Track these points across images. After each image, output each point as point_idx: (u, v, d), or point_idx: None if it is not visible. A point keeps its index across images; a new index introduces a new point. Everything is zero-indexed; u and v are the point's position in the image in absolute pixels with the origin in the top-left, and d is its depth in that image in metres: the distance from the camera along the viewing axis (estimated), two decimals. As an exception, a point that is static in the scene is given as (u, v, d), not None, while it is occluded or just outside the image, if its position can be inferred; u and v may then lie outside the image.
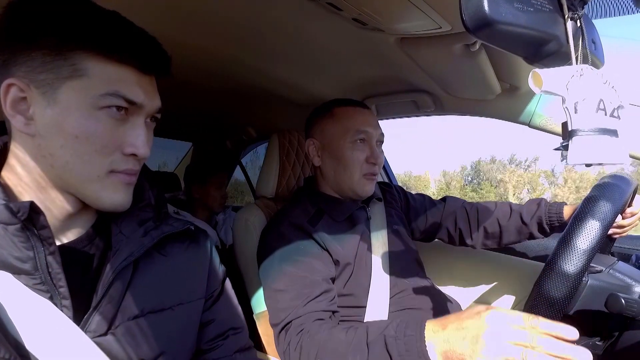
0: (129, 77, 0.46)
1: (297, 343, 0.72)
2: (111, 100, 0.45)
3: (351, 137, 0.92)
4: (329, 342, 0.69)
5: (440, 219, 1.11)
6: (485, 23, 0.37)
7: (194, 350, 0.55)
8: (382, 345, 0.62)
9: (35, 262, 0.43)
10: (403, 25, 0.74)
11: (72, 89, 0.44)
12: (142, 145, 0.48)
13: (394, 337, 0.61)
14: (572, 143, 0.39)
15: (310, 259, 0.83)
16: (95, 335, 0.46)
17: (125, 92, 0.45)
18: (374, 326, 0.67)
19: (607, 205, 0.55)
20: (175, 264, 0.55)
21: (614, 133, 0.39)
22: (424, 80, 1.05)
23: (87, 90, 0.44)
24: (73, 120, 0.44)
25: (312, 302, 0.77)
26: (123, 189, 0.49)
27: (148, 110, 0.49)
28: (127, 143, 0.47)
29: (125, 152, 0.47)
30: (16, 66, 0.43)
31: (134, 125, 0.48)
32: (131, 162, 0.48)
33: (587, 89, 0.39)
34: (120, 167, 0.48)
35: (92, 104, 0.44)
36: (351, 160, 0.92)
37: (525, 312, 0.57)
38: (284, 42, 0.87)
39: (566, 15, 0.41)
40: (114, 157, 0.47)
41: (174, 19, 0.75)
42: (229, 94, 1.31)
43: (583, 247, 0.53)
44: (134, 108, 0.47)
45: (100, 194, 0.47)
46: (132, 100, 0.46)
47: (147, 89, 0.48)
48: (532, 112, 0.99)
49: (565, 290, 0.53)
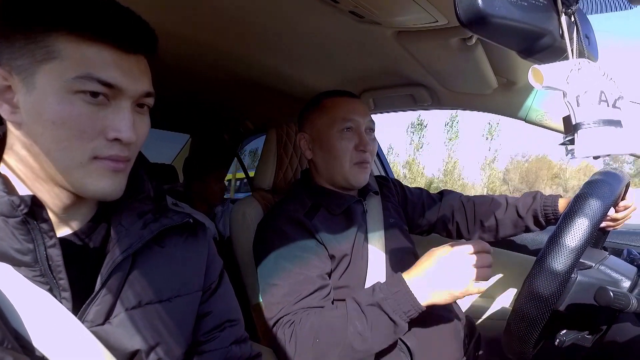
0: (105, 57, 0.43)
1: (291, 335, 0.74)
2: (84, 84, 0.42)
3: (338, 126, 0.92)
4: (322, 322, 0.72)
5: (438, 213, 1.11)
6: (479, 17, 0.37)
7: (191, 341, 0.55)
8: (377, 308, 0.71)
9: (35, 255, 0.43)
10: (400, 18, 0.74)
11: (47, 72, 0.42)
12: (126, 129, 0.45)
13: (383, 298, 0.71)
14: (578, 136, 0.39)
15: (307, 254, 0.83)
16: (93, 325, 0.46)
17: (99, 74, 0.42)
18: (359, 296, 0.74)
19: (596, 203, 0.55)
20: (174, 256, 0.55)
21: (618, 123, 0.39)
22: (421, 74, 1.05)
23: (60, 73, 0.42)
24: (48, 106, 0.42)
25: (304, 299, 0.78)
26: (109, 176, 0.46)
27: (132, 93, 0.46)
28: (109, 127, 0.45)
29: (108, 137, 0.45)
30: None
31: (117, 109, 0.45)
32: (116, 147, 0.46)
33: (587, 82, 0.40)
34: (104, 153, 0.45)
35: (65, 87, 0.42)
36: (340, 149, 0.92)
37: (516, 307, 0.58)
38: (281, 35, 0.87)
39: (560, 10, 0.42)
40: (96, 143, 0.44)
41: (172, 11, 0.74)
42: (227, 87, 1.31)
43: (572, 245, 0.53)
44: (115, 92, 0.44)
45: (84, 180, 0.45)
46: (108, 82, 0.43)
47: (128, 71, 0.45)
48: (528, 106, 1.00)
49: (554, 288, 0.53)
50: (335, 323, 0.72)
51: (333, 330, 0.71)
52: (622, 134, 0.39)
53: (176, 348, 0.52)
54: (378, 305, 0.71)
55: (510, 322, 0.60)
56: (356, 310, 0.72)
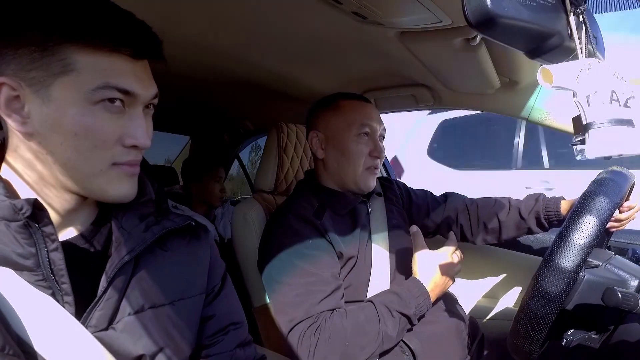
0: (120, 66, 0.44)
1: (317, 341, 0.74)
2: (104, 93, 0.43)
3: (356, 130, 0.93)
4: (351, 324, 0.77)
5: (442, 215, 1.11)
6: (488, 17, 0.37)
7: (195, 345, 0.55)
8: (406, 319, 0.80)
9: (37, 259, 0.43)
10: (403, 19, 0.74)
11: (64, 84, 0.42)
12: (142, 136, 0.47)
13: (413, 314, 0.81)
14: (589, 136, 0.38)
15: (318, 252, 0.83)
16: (97, 330, 0.46)
17: (117, 82, 0.44)
18: (385, 299, 0.82)
19: (604, 201, 0.55)
20: (176, 259, 0.55)
21: (630, 123, 0.39)
22: (424, 74, 1.04)
23: (79, 86, 0.42)
24: (70, 118, 0.43)
25: (323, 302, 0.78)
26: (128, 181, 0.48)
27: (144, 99, 0.48)
28: (127, 135, 0.46)
29: (126, 144, 0.47)
30: (4, 65, 0.42)
31: (133, 116, 0.47)
32: (133, 153, 0.48)
33: (598, 81, 0.39)
34: (123, 159, 0.47)
35: (86, 99, 0.43)
36: (356, 153, 0.93)
37: (523, 306, 0.58)
38: (283, 35, 0.86)
39: (569, 10, 0.41)
40: (115, 151, 0.46)
41: (172, 13, 0.74)
42: (228, 88, 1.30)
43: (580, 243, 0.53)
44: (130, 98, 0.46)
45: (106, 187, 0.47)
46: (126, 89, 0.45)
47: (141, 77, 0.47)
48: (531, 106, 0.99)
49: (562, 286, 0.53)
50: (366, 326, 0.76)
51: (365, 332, 0.75)
52: (635, 134, 0.38)
53: (180, 352, 0.52)
54: (407, 317, 0.80)
55: (517, 321, 0.59)
56: (387, 314, 0.79)
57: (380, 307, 0.79)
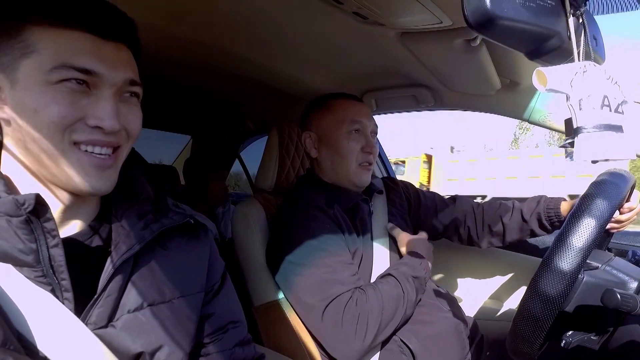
0: (81, 45, 0.43)
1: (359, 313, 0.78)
2: (61, 73, 0.42)
3: (347, 128, 0.95)
4: (383, 295, 0.82)
5: (450, 217, 1.12)
6: (487, 19, 0.37)
7: (194, 343, 0.55)
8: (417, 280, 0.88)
9: (37, 255, 0.43)
10: (404, 19, 0.74)
11: (27, 67, 0.42)
12: (107, 117, 0.45)
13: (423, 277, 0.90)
14: (578, 140, 0.39)
15: (337, 237, 0.87)
16: (96, 327, 0.46)
17: (74, 61, 0.43)
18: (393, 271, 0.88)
19: (603, 203, 0.55)
20: (176, 257, 0.55)
21: (619, 129, 0.39)
22: (424, 75, 1.04)
23: (39, 66, 0.42)
24: (30, 98, 0.43)
25: (351, 279, 0.82)
26: (95, 172, 0.46)
27: (112, 81, 0.46)
28: (89, 115, 0.45)
29: (89, 124, 0.45)
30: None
31: (99, 97, 0.45)
32: (96, 133, 0.45)
33: (591, 85, 0.39)
34: (82, 138, 0.45)
35: (45, 80, 0.42)
36: (347, 149, 0.95)
37: (522, 307, 0.58)
38: (284, 35, 0.87)
39: (568, 12, 0.41)
40: (75, 128, 0.44)
41: (173, 13, 0.74)
42: (229, 87, 1.30)
43: (579, 245, 0.53)
44: (94, 79, 0.44)
45: (69, 172, 0.45)
46: (84, 68, 0.43)
47: (106, 57, 0.45)
48: (532, 107, 0.99)
49: (560, 288, 0.53)
50: (394, 293, 0.83)
51: (395, 300, 0.82)
52: (623, 140, 0.39)
53: (180, 350, 0.52)
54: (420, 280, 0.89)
55: (516, 322, 0.59)
56: (405, 280, 0.85)
57: (399, 276, 0.85)
